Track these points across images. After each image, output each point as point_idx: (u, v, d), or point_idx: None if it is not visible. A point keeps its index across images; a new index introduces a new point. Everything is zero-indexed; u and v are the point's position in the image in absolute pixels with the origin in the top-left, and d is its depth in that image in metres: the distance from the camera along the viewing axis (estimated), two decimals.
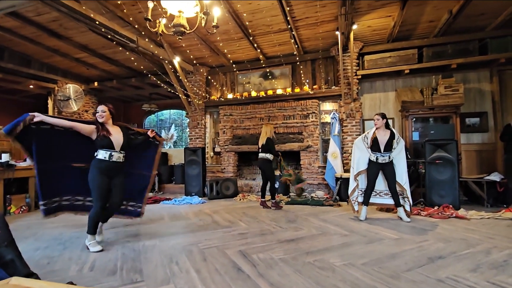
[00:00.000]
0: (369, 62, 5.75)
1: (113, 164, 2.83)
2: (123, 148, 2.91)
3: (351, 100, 5.87)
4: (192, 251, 2.67)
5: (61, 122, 2.82)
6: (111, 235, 3.22)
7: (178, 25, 3.02)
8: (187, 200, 5.55)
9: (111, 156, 2.80)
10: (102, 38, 5.31)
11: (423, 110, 5.39)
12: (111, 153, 2.80)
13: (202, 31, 4.86)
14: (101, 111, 2.85)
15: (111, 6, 4.35)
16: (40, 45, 5.75)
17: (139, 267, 2.30)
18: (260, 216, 4.18)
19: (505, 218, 3.75)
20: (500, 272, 2.08)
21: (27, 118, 2.66)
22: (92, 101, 8.42)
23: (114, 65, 6.94)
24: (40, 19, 4.77)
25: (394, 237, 3.02)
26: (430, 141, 4.62)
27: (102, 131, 2.80)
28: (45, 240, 3.06)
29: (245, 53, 6.37)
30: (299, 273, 2.12)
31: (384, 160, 3.74)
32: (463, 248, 2.63)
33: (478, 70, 5.59)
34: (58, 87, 7.36)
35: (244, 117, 6.73)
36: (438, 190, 4.44)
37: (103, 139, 2.79)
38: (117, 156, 2.85)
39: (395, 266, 2.22)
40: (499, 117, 5.41)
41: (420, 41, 5.54)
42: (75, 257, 2.55)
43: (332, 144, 5.75)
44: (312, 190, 6.04)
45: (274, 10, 4.52)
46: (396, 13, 4.62)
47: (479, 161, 5.54)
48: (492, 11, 4.56)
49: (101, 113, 2.84)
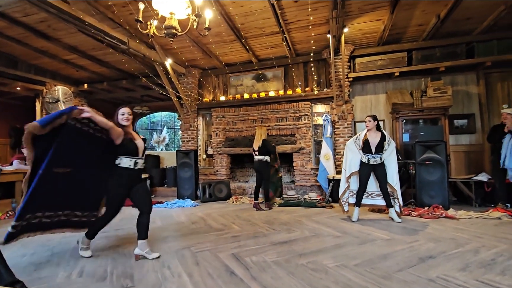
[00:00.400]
0: (360, 65, 5.82)
1: (137, 172, 2.63)
2: (143, 154, 2.71)
3: (343, 102, 5.93)
4: (184, 255, 2.64)
5: (105, 123, 2.47)
6: (101, 240, 3.16)
7: (170, 27, 3.01)
8: (180, 203, 5.49)
9: (136, 163, 2.59)
10: (92, 39, 5.24)
11: (413, 112, 5.48)
12: (136, 160, 2.59)
13: (194, 33, 4.85)
14: (127, 113, 2.62)
15: (101, 7, 4.29)
16: (27, 46, 5.62)
17: (130, 272, 2.26)
18: (253, 218, 4.16)
19: (493, 217, 3.84)
20: (488, 271, 2.12)
21: (74, 112, 2.33)
22: (81, 104, 8.27)
23: (105, 67, 6.84)
24: (27, 19, 4.67)
25: (386, 237, 3.05)
26: (420, 143, 4.70)
27: (128, 135, 2.59)
28: (32, 246, 2.98)
29: (238, 56, 6.38)
30: (292, 276, 2.12)
31: (376, 161, 3.78)
32: (452, 247, 2.67)
33: (465, 73, 5.73)
34: (46, 89, 7.20)
35: (236, 120, 6.72)
36: (428, 191, 4.51)
37: (129, 144, 2.56)
38: (141, 163, 2.66)
39: (387, 266, 2.24)
40: (486, 119, 5.55)
41: (410, 44, 5.65)
42: (63, 263, 2.49)
43: (324, 146, 5.79)
44: (305, 191, 6.06)
45: (266, 12, 4.54)
46: (386, 17, 4.71)
47: (467, 162, 5.67)
48: (478, 16, 4.69)
49: (127, 116, 2.62)
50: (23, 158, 5.10)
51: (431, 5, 4.37)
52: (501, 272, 2.09)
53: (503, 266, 2.21)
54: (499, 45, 5.10)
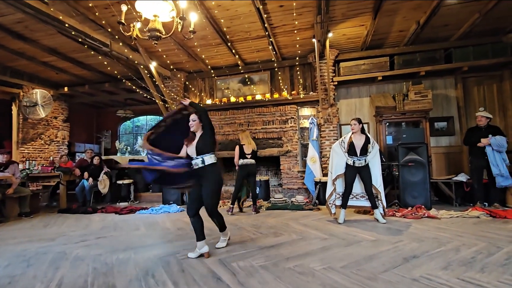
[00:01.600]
0: (345, 69, 5.94)
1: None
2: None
3: (328, 105, 6.02)
4: (170, 262, 2.57)
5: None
6: (81, 249, 3.03)
7: (154, 30, 2.96)
8: (165, 208, 5.37)
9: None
10: (72, 41, 5.07)
11: (396, 115, 5.64)
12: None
13: (179, 36, 4.79)
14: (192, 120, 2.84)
15: (82, 9, 4.17)
16: (3, 48, 5.37)
17: (112, 282, 2.17)
18: (240, 222, 4.12)
19: (472, 216, 3.98)
20: (468, 269, 2.18)
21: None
22: (61, 107, 7.99)
23: (86, 70, 6.64)
24: (3, 20, 4.47)
25: (371, 238, 3.09)
26: (402, 145, 4.82)
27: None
28: (7, 258, 2.82)
29: (224, 59, 6.36)
30: (279, 280, 2.10)
31: (361, 163, 3.85)
32: (435, 246, 2.74)
33: (444, 78, 5.96)
34: (23, 93, 6.91)
35: (223, 123, 6.68)
36: (411, 191, 4.63)
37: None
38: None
39: (373, 267, 2.27)
40: (464, 122, 5.78)
41: (392, 49, 5.83)
42: (40, 274, 2.36)
43: (310, 149, 5.84)
44: (292, 194, 6.08)
45: (252, 16, 4.56)
46: (369, 23, 4.83)
47: (447, 163, 5.87)
48: (455, 23, 4.90)
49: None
50: None
51: (411, 11, 4.52)
52: (480, 270, 2.16)
53: (483, 263, 2.28)
54: (475, 51, 5.34)
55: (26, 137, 7.02)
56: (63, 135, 7.95)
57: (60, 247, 3.13)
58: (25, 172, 5.70)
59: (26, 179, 5.68)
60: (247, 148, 4.84)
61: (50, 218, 4.96)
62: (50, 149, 7.57)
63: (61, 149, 7.86)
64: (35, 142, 7.22)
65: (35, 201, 5.60)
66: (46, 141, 7.48)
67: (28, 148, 7.05)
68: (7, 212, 4.89)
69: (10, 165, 5.01)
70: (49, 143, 7.56)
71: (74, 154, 8.66)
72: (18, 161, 6.28)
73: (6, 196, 4.81)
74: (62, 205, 5.78)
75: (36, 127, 7.26)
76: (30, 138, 7.11)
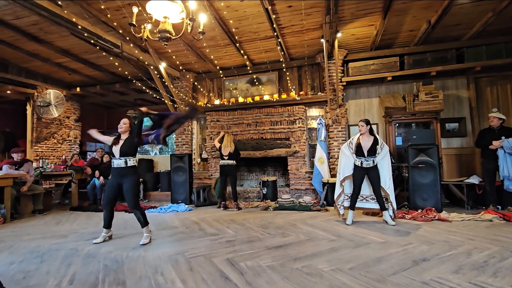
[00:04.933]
0: (354, 69, 5.89)
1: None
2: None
3: (337, 106, 5.98)
4: (178, 260, 2.60)
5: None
6: (92, 246, 3.10)
7: (164, 31, 3.00)
8: (173, 207, 5.44)
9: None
10: (85, 42, 5.19)
11: (406, 116, 5.56)
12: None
13: (188, 37, 4.84)
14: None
15: (94, 11, 4.27)
16: (18, 50, 5.55)
17: (122, 279, 2.21)
18: (248, 222, 4.14)
19: (484, 219, 3.89)
20: (480, 273, 2.14)
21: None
22: (74, 107, 8.18)
23: (98, 71, 6.78)
24: (19, 22, 4.61)
25: (380, 240, 3.06)
26: (412, 146, 4.75)
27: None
28: (21, 253, 2.90)
29: (232, 60, 6.39)
30: (287, 280, 2.10)
31: (368, 164, 3.81)
32: (446, 250, 2.69)
33: (456, 78, 5.84)
34: (38, 93, 7.10)
35: (231, 123, 6.71)
36: (421, 193, 4.56)
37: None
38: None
39: (382, 270, 2.25)
40: (476, 123, 5.65)
41: (402, 49, 5.75)
42: (53, 270, 2.42)
43: (318, 149, 5.81)
44: (299, 195, 6.06)
45: (260, 17, 4.57)
46: (378, 22, 4.78)
47: (458, 165, 5.75)
48: (467, 22, 4.80)
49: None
50: (12, 162, 4.99)
51: (422, 11, 4.46)
52: (493, 274, 2.11)
53: (495, 268, 2.23)
54: (488, 50, 5.22)
55: (40, 137, 7.22)
56: (75, 134, 8.14)
57: (72, 244, 3.21)
58: (39, 170, 5.86)
59: (40, 177, 5.83)
60: (225, 150, 5.27)
61: (62, 215, 5.08)
62: (62, 148, 7.76)
63: (73, 148, 8.04)
64: (48, 142, 7.41)
65: (48, 199, 5.75)
66: (58, 140, 7.67)
67: (41, 147, 7.24)
68: (21, 209, 5.04)
69: (25, 163, 5.16)
70: (61, 142, 7.75)
71: (86, 153, 8.84)
72: (32, 159, 6.46)
73: (21, 194, 4.96)
74: (73, 202, 5.93)
75: (49, 127, 7.45)
76: (44, 138, 7.31)
